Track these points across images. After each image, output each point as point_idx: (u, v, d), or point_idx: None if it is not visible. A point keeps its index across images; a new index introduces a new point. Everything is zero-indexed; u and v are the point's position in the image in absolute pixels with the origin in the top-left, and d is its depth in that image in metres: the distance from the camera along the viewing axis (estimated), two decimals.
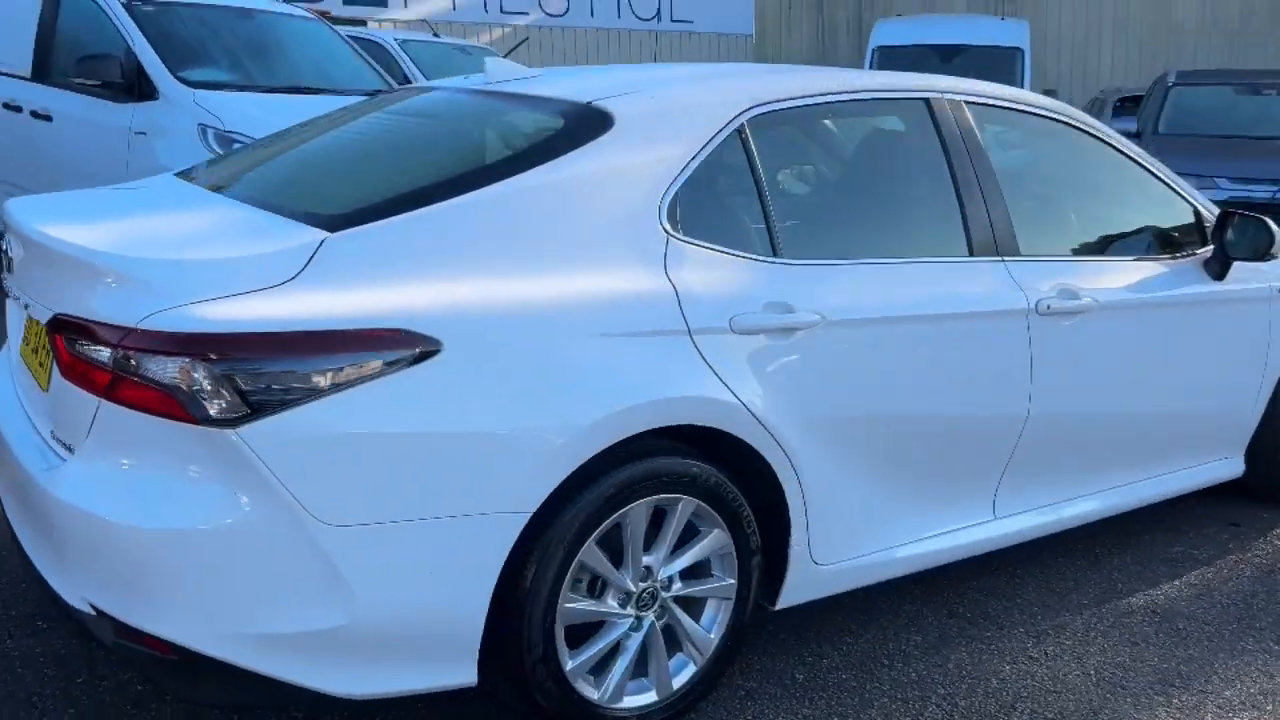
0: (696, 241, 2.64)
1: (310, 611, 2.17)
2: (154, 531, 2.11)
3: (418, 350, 2.20)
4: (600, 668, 2.62)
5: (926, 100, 3.17)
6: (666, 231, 2.60)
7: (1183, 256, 3.66)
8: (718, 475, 2.61)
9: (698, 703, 2.77)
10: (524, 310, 2.34)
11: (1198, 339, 3.67)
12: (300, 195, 2.60)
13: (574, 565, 2.44)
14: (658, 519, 2.60)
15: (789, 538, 2.79)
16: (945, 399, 3.00)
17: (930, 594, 3.46)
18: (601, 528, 2.46)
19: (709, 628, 2.74)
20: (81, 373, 2.20)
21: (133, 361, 2.10)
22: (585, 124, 2.66)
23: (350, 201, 2.44)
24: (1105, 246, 3.55)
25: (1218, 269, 3.67)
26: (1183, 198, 3.75)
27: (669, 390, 2.47)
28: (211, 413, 2.08)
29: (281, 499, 2.11)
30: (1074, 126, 3.52)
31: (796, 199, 2.96)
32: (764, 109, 2.85)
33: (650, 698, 2.67)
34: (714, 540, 2.68)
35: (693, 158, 2.69)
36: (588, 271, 2.47)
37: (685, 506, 2.59)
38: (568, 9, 14.75)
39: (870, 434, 2.88)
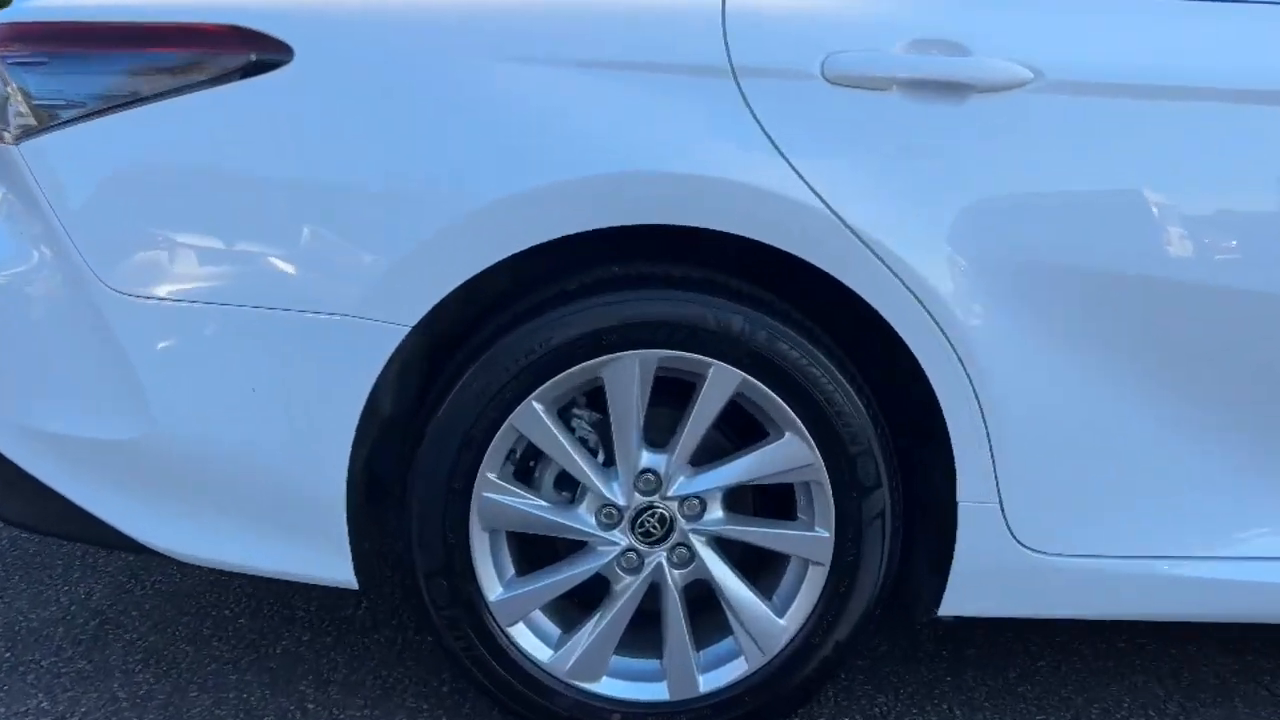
0: None
1: (96, 414, 1.57)
2: None
3: (252, 56, 1.51)
4: (569, 617, 1.66)
5: None
6: None
7: None
8: (781, 333, 1.51)
9: None
10: (424, 18, 1.51)
11: None
12: None
13: (503, 434, 1.54)
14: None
15: (953, 480, 1.55)
16: None
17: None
18: (551, 383, 1.53)
19: (782, 606, 1.62)
20: None
21: None
22: None
23: None
24: None
25: None
26: None
27: (657, 161, 1.46)
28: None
29: (59, 240, 1.55)
30: None
31: None
32: None
33: (654, 692, 1.63)
34: (783, 452, 1.56)
35: None
36: None
37: (719, 380, 1.53)
38: None
39: (1149, 320, 1.51)
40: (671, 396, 1.63)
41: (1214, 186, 1.50)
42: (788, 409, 1.54)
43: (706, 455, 1.63)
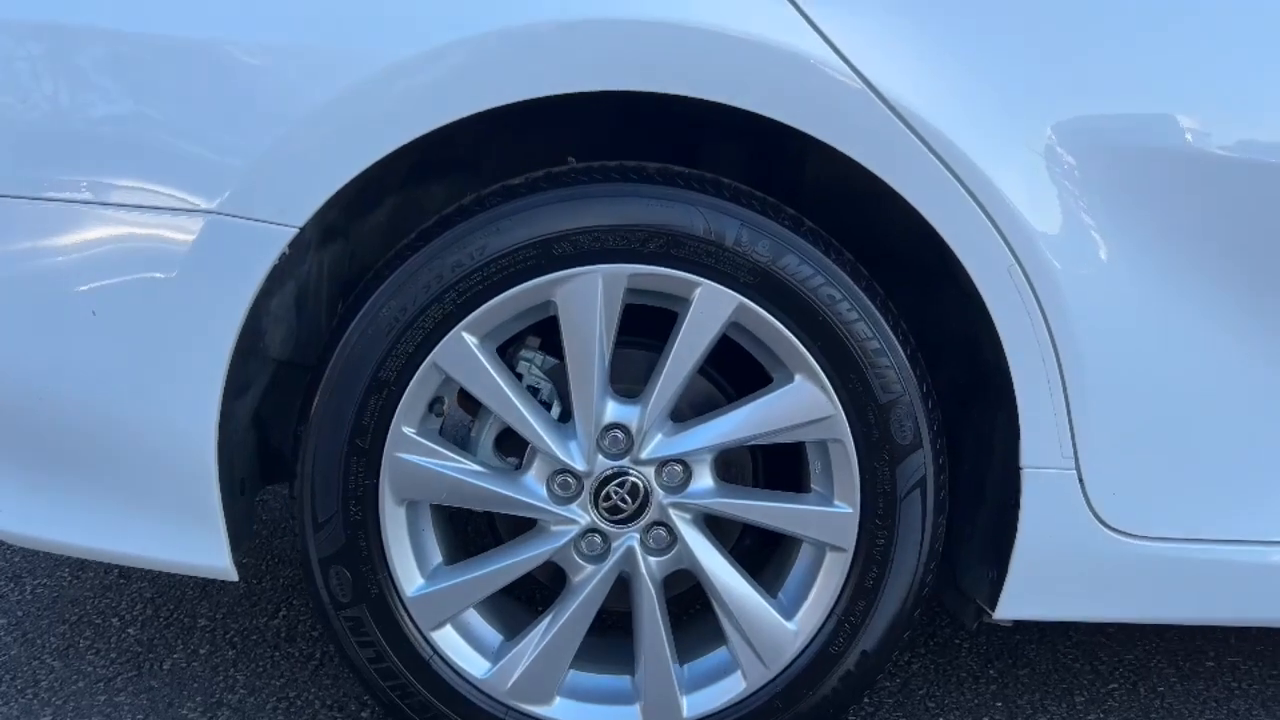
0: None
1: None
2: None
3: None
4: (513, 622, 1.29)
5: None
6: None
7: None
8: (789, 243, 1.14)
9: None
10: None
11: None
12: None
13: (423, 375, 1.17)
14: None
15: (1017, 440, 1.18)
16: None
17: None
18: (487, 308, 1.15)
19: (791, 606, 1.24)
20: None
21: None
22: None
23: None
24: None
25: None
26: None
27: (621, 5, 1.10)
28: None
29: None
30: None
31: None
32: None
33: (623, 718, 1.25)
34: (792, 400, 1.19)
35: None
36: None
37: (708, 304, 1.16)
38: None
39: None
40: (647, 335, 1.26)
41: None
42: (798, 344, 1.16)
43: (693, 412, 1.26)
